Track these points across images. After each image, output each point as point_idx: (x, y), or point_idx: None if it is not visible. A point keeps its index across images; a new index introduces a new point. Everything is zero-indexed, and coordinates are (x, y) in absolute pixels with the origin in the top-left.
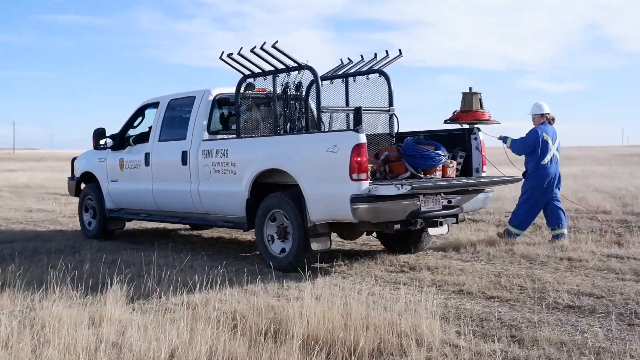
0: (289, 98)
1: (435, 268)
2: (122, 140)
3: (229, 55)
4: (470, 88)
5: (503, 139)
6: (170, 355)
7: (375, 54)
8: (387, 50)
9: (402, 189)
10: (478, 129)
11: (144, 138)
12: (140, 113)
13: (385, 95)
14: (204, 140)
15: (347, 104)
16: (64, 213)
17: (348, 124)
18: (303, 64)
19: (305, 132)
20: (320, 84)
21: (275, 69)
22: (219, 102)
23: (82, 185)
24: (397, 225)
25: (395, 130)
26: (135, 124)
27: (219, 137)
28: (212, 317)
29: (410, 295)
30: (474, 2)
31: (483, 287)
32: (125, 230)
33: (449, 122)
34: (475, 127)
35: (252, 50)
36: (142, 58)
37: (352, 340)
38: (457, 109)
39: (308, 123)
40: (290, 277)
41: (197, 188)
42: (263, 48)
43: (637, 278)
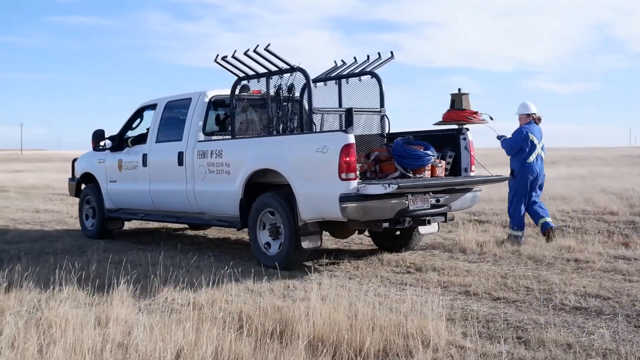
0: (282, 100)
1: (442, 269)
2: (120, 142)
3: (224, 58)
4: (460, 89)
5: (500, 137)
6: (176, 356)
7: (368, 56)
8: (379, 53)
9: (389, 188)
10: (467, 129)
11: (142, 139)
12: (139, 115)
13: (377, 97)
14: (200, 141)
15: (340, 105)
16: (71, 214)
17: (341, 125)
18: (295, 66)
19: (296, 133)
20: (315, 86)
21: (269, 71)
22: (215, 103)
23: (82, 186)
24: (385, 224)
25: (387, 131)
26: (134, 126)
27: (214, 138)
28: (218, 317)
29: (416, 296)
30: (483, 3)
31: (489, 288)
32: (132, 231)
33: (439, 123)
34: (464, 127)
35: (245, 53)
36: (149, 59)
37: (358, 341)
38: (446, 110)
39: (303, 124)
40: (297, 277)
41: (192, 188)
42: (256, 51)
43: None
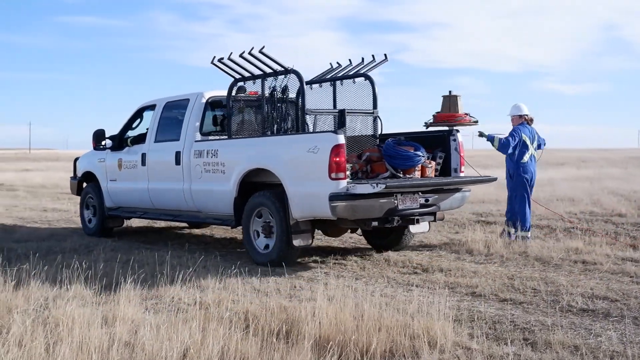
0: (276, 101)
1: (448, 270)
2: (120, 141)
3: (220, 60)
4: (450, 91)
5: (489, 138)
6: (183, 355)
7: (363, 59)
8: (373, 55)
9: (377, 188)
10: (457, 131)
11: (141, 139)
12: (139, 115)
13: (370, 98)
14: (196, 141)
15: (334, 107)
16: (79, 213)
17: (335, 126)
18: (289, 68)
19: (289, 133)
20: (310, 87)
21: (264, 73)
22: (212, 104)
23: (84, 185)
24: (374, 223)
25: (379, 132)
26: (134, 126)
27: (211, 138)
28: (224, 317)
29: (423, 297)
30: (490, 3)
31: (496, 289)
32: (140, 230)
33: (430, 124)
34: (455, 128)
35: (241, 55)
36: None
37: (364, 342)
38: (437, 111)
39: (299, 125)
40: (303, 278)
41: (189, 187)
42: (251, 53)
43: None
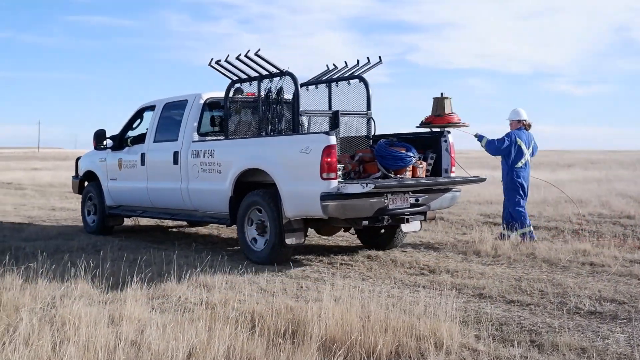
0: (271, 102)
1: (455, 271)
2: (121, 141)
3: (218, 62)
4: (442, 93)
5: (479, 137)
6: (189, 355)
7: (358, 61)
8: (368, 57)
9: (366, 188)
10: (448, 132)
11: (141, 139)
12: (139, 115)
13: (364, 100)
14: (194, 142)
15: (330, 108)
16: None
17: (330, 127)
18: (284, 70)
19: (282, 134)
20: (306, 89)
21: (260, 75)
22: (210, 105)
23: (85, 184)
24: (365, 222)
25: (372, 133)
26: (134, 126)
27: (209, 138)
28: (230, 317)
29: (430, 299)
30: (501, 4)
31: (503, 291)
32: (147, 230)
33: (421, 126)
34: (446, 130)
35: (237, 58)
36: (168, 60)
37: (370, 343)
38: (429, 113)
39: (295, 126)
40: (309, 278)
41: (186, 186)
42: (247, 55)
43: None
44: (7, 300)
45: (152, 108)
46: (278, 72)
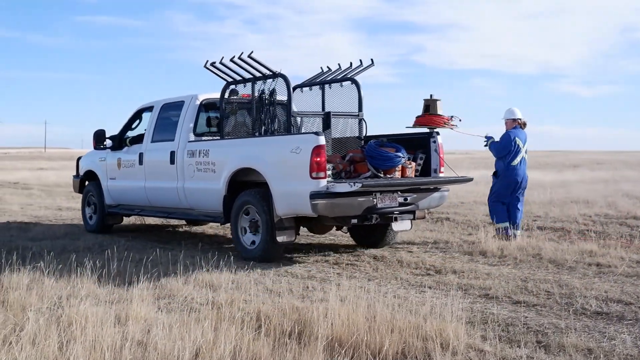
0: (264, 103)
1: (462, 272)
2: (120, 141)
3: (213, 64)
4: (432, 95)
5: (487, 139)
6: (195, 355)
7: (351, 63)
8: (360, 60)
9: (354, 187)
10: (437, 133)
11: (139, 139)
12: (138, 116)
13: (356, 101)
14: (190, 142)
15: (323, 109)
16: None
17: (323, 128)
18: (277, 72)
19: (274, 135)
20: (300, 90)
21: (253, 77)
22: (206, 106)
23: (86, 183)
24: (354, 220)
25: (364, 134)
26: (133, 126)
27: (205, 138)
28: (236, 317)
29: (436, 299)
30: (508, 4)
31: (509, 291)
32: (153, 230)
33: (412, 127)
34: (435, 131)
35: (232, 60)
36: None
37: (376, 343)
38: (419, 114)
39: (283, 127)
40: (315, 278)
41: (182, 185)
42: (241, 58)
43: None
44: (13, 300)
45: (150, 109)
46: (271, 73)
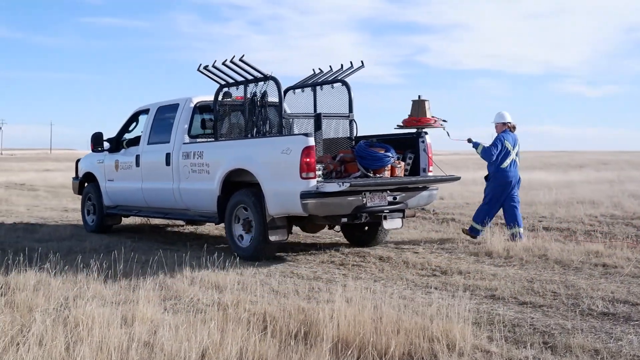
0: (256, 105)
1: (468, 273)
2: (117, 144)
3: (206, 67)
4: (419, 96)
5: (474, 144)
6: (201, 356)
7: (342, 65)
8: (351, 62)
9: (342, 186)
10: (426, 133)
11: (136, 141)
12: (135, 118)
13: (346, 103)
14: (185, 144)
15: (315, 111)
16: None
17: (315, 129)
18: (268, 75)
19: (265, 136)
20: (293, 92)
21: (245, 80)
22: (200, 109)
23: (85, 185)
24: (344, 219)
25: (354, 134)
26: (130, 129)
27: (199, 140)
28: (242, 318)
29: (442, 300)
30: (511, 4)
31: (516, 292)
32: (159, 231)
33: (400, 127)
34: (423, 131)
35: (224, 63)
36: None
37: (382, 344)
38: (407, 115)
39: (275, 128)
40: (321, 279)
41: (178, 186)
42: (233, 61)
43: None
44: (20, 301)
45: (146, 111)
46: (262, 76)
